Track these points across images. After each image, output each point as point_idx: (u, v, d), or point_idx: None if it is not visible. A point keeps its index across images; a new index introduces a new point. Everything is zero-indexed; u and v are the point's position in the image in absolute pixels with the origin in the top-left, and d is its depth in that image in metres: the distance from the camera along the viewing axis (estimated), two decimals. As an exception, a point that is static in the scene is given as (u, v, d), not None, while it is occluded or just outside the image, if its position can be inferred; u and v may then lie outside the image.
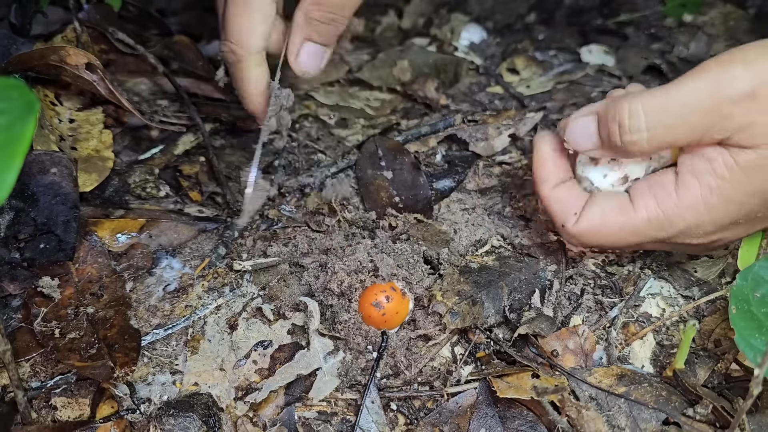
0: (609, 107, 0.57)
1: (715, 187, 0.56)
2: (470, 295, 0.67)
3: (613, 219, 0.60)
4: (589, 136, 0.60)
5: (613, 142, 0.57)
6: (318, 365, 0.65)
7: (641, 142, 0.55)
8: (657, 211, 0.58)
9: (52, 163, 0.74)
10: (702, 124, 0.53)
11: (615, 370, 0.62)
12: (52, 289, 0.69)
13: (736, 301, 0.56)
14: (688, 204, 0.57)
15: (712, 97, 0.52)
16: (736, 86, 0.52)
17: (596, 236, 0.61)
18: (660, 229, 0.59)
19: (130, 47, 0.98)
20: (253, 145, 0.74)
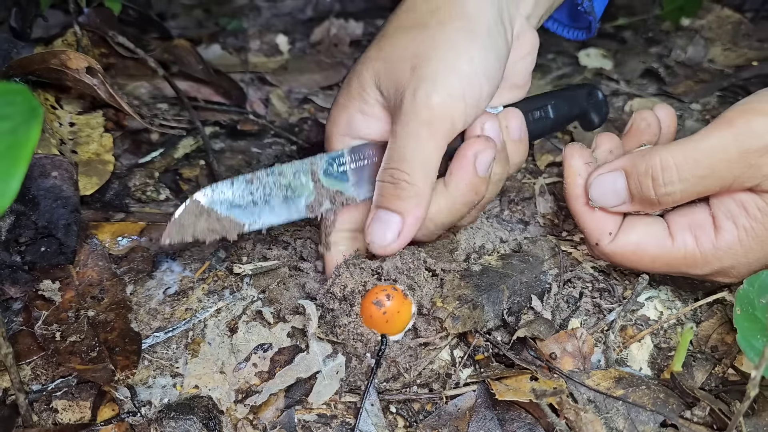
0: (637, 162, 0.58)
1: (750, 228, 0.58)
2: (471, 299, 0.67)
3: (649, 248, 0.62)
4: (616, 192, 0.60)
5: (646, 196, 0.59)
6: (318, 368, 0.65)
7: (675, 194, 0.57)
8: (695, 250, 0.60)
9: (53, 166, 0.74)
10: (731, 175, 0.55)
11: (613, 373, 0.62)
12: (52, 293, 0.70)
13: (741, 303, 0.57)
14: (726, 246, 0.59)
15: (740, 150, 0.54)
16: (763, 138, 0.54)
17: (628, 260, 0.63)
18: (694, 266, 0.61)
19: (130, 51, 0.99)
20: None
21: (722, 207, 0.59)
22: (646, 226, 0.62)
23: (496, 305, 0.68)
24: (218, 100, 1.04)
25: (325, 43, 1.27)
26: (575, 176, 0.64)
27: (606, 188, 0.61)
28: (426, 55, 0.61)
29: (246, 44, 1.25)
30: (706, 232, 0.59)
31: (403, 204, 0.61)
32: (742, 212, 0.58)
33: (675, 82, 1.13)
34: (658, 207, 0.61)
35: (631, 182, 0.59)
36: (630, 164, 0.59)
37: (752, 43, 1.20)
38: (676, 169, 0.56)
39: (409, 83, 0.61)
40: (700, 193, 0.58)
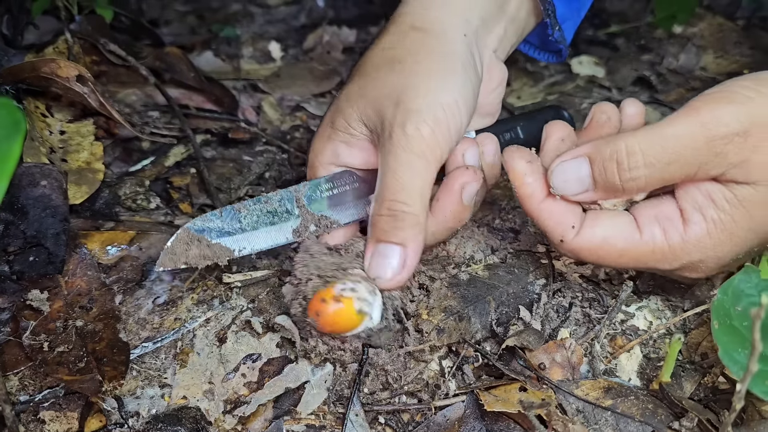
0: (602, 147, 0.57)
1: (719, 220, 0.57)
2: (457, 310, 0.67)
3: (617, 242, 0.60)
4: (580, 178, 0.59)
5: (611, 182, 0.57)
6: (306, 378, 0.65)
7: (640, 180, 0.56)
8: (664, 243, 0.59)
9: (42, 175, 0.74)
10: (697, 162, 0.54)
11: (602, 383, 0.62)
12: (41, 302, 0.69)
13: (718, 315, 0.56)
14: (695, 239, 0.58)
15: (706, 137, 0.53)
16: (728, 126, 0.53)
17: (596, 255, 0.61)
18: (663, 260, 0.60)
19: (122, 58, 0.99)
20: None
21: (689, 199, 0.58)
22: (611, 219, 0.61)
23: (483, 316, 0.68)
24: (210, 107, 1.03)
25: (317, 50, 1.27)
26: (522, 177, 0.62)
27: (569, 175, 0.59)
28: (408, 90, 0.64)
29: (239, 51, 1.25)
30: (674, 225, 0.58)
31: (404, 234, 0.62)
32: (710, 204, 0.57)
33: (667, 90, 1.13)
34: (622, 194, 0.59)
35: (596, 168, 0.58)
36: (594, 150, 0.58)
37: (744, 50, 1.20)
38: (641, 154, 0.55)
39: (395, 118, 0.63)
40: (665, 180, 0.57)
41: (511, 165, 0.62)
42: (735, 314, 0.56)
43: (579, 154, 0.59)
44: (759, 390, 0.53)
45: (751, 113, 0.53)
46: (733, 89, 0.55)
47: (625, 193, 0.59)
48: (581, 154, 0.59)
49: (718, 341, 0.55)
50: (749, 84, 0.55)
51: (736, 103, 0.54)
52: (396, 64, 0.67)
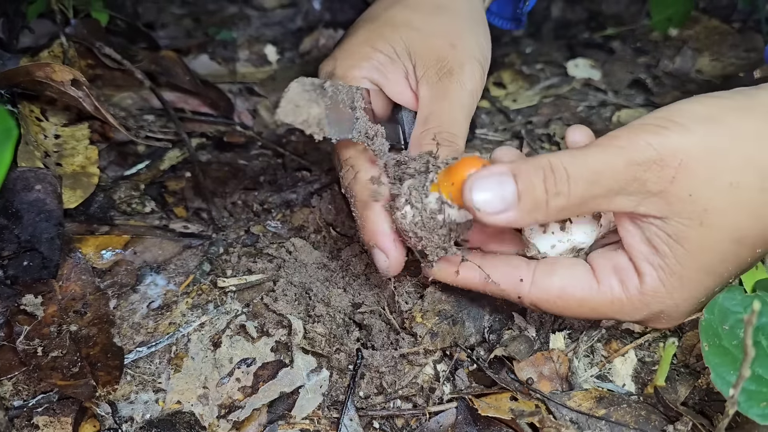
0: (524, 163, 0.54)
1: (665, 265, 0.56)
2: (451, 314, 0.67)
3: (575, 291, 0.59)
4: (503, 196, 0.53)
5: (537, 197, 0.53)
6: (301, 383, 0.65)
7: (562, 197, 0.53)
8: (622, 295, 0.58)
9: (37, 179, 0.74)
10: (617, 185, 0.53)
11: (593, 393, 0.62)
12: (35, 307, 0.69)
13: (707, 337, 0.55)
14: (651, 290, 0.57)
15: (624, 159, 0.52)
16: (644, 152, 0.52)
17: (555, 305, 0.60)
18: (622, 312, 0.59)
19: (117, 62, 0.98)
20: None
21: (634, 251, 0.57)
22: (568, 269, 0.59)
23: (477, 321, 0.68)
24: (205, 111, 1.03)
25: (314, 53, 1.26)
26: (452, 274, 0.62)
27: (492, 191, 0.53)
28: (462, 35, 0.71)
29: (234, 54, 1.25)
30: (630, 277, 0.57)
31: None
32: (653, 251, 0.56)
33: (662, 93, 1.13)
34: (544, 213, 0.54)
35: (520, 182, 0.53)
36: (516, 166, 0.54)
37: (739, 53, 1.20)
38: (565, 170, 0.53)
39: (454, 58, 0.68)
40: (587, 200, 0.54)
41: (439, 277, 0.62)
42: (723, 333, 0.55)
43: (502, 171, 0.54)
44: (754, 414, 0.52)
45: (664, 142, 0.53)
46: (649, 121, 0.55)
47: (548, 211, 0.54)
48: (503, 171, 0.54)
49: (709, 364, 0.54)
50: (665, 115, 0.55)
51: (650, 132, 0.53)
52: (442, 8, 0.72)
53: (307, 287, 0.73)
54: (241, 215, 0.86)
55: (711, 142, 0.53)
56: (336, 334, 0.68)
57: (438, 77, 0.67)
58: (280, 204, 0.86)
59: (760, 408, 0.52)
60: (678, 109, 0.56)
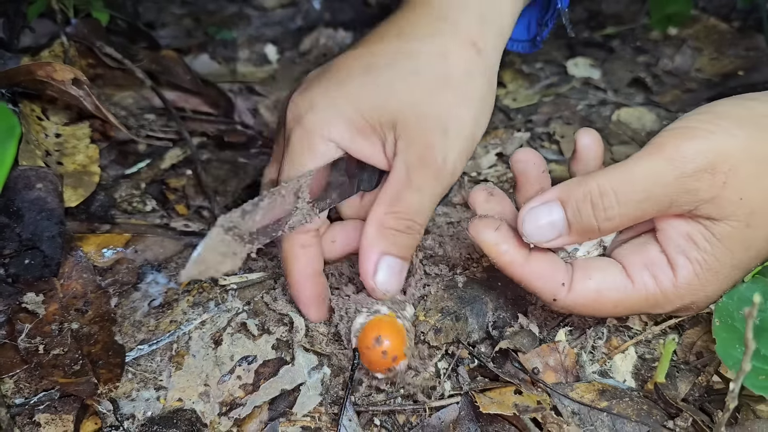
0: (573, 189, 0.56)
1: (703, 261, 0.56)
2: (454, 311, 0.67)
3: (610, 293, 0.59)
4: (553, 223, 0.56)
5: (587, 224, 0.56)
6: (302, 380, 0.65)
7: (615, 220, 0.55)
8: (656, 290, 0.58)
9: (38, 178, 0.74)
10: (668, 200, 0.54)
11: (596, 386, 0.62)
12: (36, 305, 0.69)
13: (721, 315, 0.58)
14: (685, 283, 0.57)
15: (675, 175, 0.53)
16: (695, 162, 0.53)
17: (591, 308, 0.60)
18: (656, 306, 0.60)
19: (118, 61, 0.99)
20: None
21: (671, 244, 0.57)
22: (602, 271, 0.60)
23: (480, 317, 0.68)
24: (206, 110, 1.04)
25: (314, 52, 1.27)
26: (495, 248, 0.59)
27: (542, 221, 0.57)
28: (457, 118, 0.64)
29: (235, 54, 1.26)
30: (663, 271, 0.58)
31: (411, 252, 0.66)
32: (692, 245, 0.56)
33: (662, 92, 1.13)
34: (597, 235, 0.58)
35: (569, 210, 0.56)
36: (565, 192, 0.56)
37: (739, 52, 1.20)
38: (614, 194, 0.54)
39: (443, 148, 0.63)
40: (638, 218, 0.56)
41: (480, 239, 0.60)
42: (738, 317, 0.57)
43: (549, 199, 0.57)
44: (751, 384, 0.53)
45: (714, 148, 0.53)
46: (693, 124, 0.55)
47: (600, 233, 0.57)
48: (552, 198, 0.57)
49: (717, 337, 0.56)
50: (708, 118, 0.55)
51: (699, 138, 0.54)
52: (449, 85, 0.64)
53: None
54: (241, 214, 0.86)
55: (755, 145, 0.54)
56: (338, 332, 0.68)
57: (420, 164, 0.63)
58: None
59: (759, 381, 0.54)
60: (719, 111, 0.56)
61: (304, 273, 0.66)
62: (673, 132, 0.55)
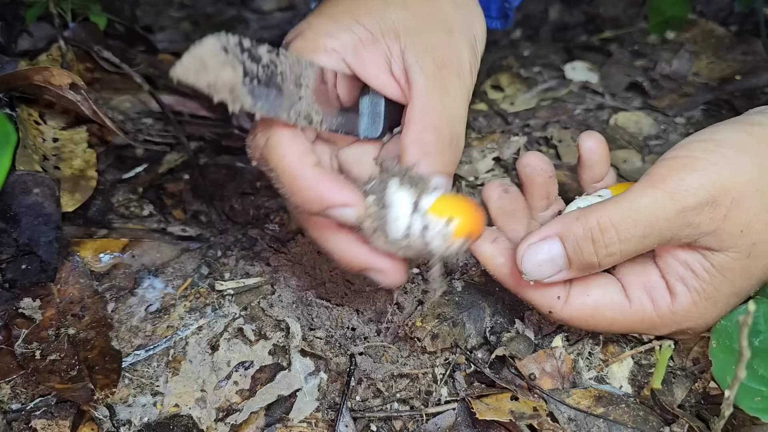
0: (573, 226, 0.55)
1: (701, 290, 0.57)
2: (451, 316, 0.67)
3: (606, 311, 0.59)
4: (553, 260, 0.56)
5: (587, 261, 0.55)
6: (299, 386, 0.65)
7: (616, 255, 0.55)
8: (653, 313, 0.59)
9: (35, 183, 0.74)
10: (670, 233, 0.54)
11: (593, 392, 0.63)
12: (33, 311, 0.69)
13: (718, 337, 0.58)
14: (682, 310, 0.58)
15: (677, 209, 0.53)
16: (696, 196, 0.53)
17: (586, 323, 0.61)
18: (652, 329, 0.60)
19: (116, 66, 0.99)
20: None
21: (671, 271, 0.58)
22: (601, 288, 0.59)
23: (478, 323, 0.68)
24: (203, 114, 1.04)
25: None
26: (492, 260, 0.60)
27: (541, 258, 0.56)
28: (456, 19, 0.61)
29: (233, 58, 1.25)
30: (661, 295, 0.58)
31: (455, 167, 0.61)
32: (690, 274, 0.56)
33: (659, 96, 1.13)
34: (597, 269, 0.57)
35: (569, 247, 0.55)
36: (564, 228, 0.55)
37: (736, 56, 1.20)
38: (615, 230, 0.54)
39: (452, 47, 0.59)
40: (639, 252, 0.56)
41: (477, 252, 0.59)
42: (737, 338, 0.57)
43: (548, 235, 0.56)
44: (746, 405, 0.54)
45: (716, 181, 0.53)
46: (696, 154, 0.54)
47: (600, 268, 0.57)
48: (551, 235, 0.56)
49: (713, 358, 0.56)
50: (711, 147, 0.55)
51: (701, 170, 0.53)
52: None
53: (305, 290, 0.73)
54: (239, 218, 0.86)
55: (758, 176, 0.54)
56: (335, 337, 0.68)
57: (436, 67, 0.58)
58: (278, 208, 0.86)
59: (754, 402, 0.54)
60: (721, 139, 0.55)
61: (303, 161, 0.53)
62: (674, 162, 0.55)
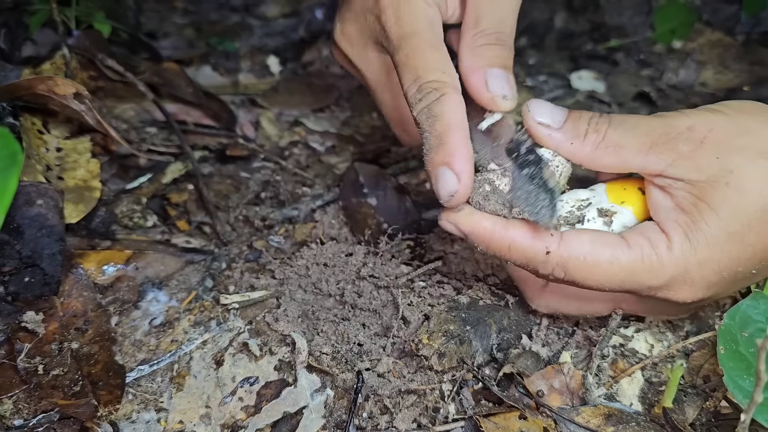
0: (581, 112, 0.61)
1: (690, 222, 0.57)
2: (458, 334, 0.67)
3: (604, 250, 0.58)
4: (553, 116, 0.60)
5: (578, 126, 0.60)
6: (305, 403, 0.65)
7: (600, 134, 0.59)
8: (651, 251, 0.57)
9: (39, 194, 0.74)
10: (649, 139, 0.58)
11: (602, 410, 0.62)
12: (36, 324, 0.69)
13: (724, 341, 0.56)
14: (678, 249, 0.57)
15: (660, 120, 0.58)
16: (679, 119, 0.58)
17: (582, 265, 0.58)
18: (650, 272, 0.57)
19: (120, 74, 0.98)
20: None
21: (662, 214, 0.59)
22: (596, 233, 0.59)
23: (484, 339, 0.68)
24: (208, 122, 1.03)
25: (316, 64, 1.26)
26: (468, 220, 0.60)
27: (548, 111, 0.61)
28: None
29: (237, 65, 1.25)
30: (659, 239, 0.58)
31: (509, 61, 0.66)
32: (678, 211, 0.58)
33: (667, 106, 1.13)
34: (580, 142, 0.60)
35: (571, 112, 0.61)
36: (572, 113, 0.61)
37: (743, 66, 1.20)
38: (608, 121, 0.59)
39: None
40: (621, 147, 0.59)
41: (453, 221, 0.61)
42: (742, 340, 0.56)
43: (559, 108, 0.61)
44: (765, 419, 0.52)
45: (698, 113, 0.58)
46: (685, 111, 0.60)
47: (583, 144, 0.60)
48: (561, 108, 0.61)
49: (723, 367, 0.55)
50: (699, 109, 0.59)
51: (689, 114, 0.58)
52: None
53: (311, 305, 0.72)
54: (243, 230, 0.85)
55: (743, 121, 0.57)
56: (341, 352, 0.67)
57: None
58: (283, 220, 0.85)
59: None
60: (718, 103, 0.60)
61: (464, 131, 0.61)
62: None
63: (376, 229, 0.81)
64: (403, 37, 0.66)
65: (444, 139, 0.61)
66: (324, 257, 0.77)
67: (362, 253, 0.77)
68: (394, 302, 0.71)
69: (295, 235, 0.83)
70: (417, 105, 0.63)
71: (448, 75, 0.63)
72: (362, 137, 1.05)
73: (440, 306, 0.70)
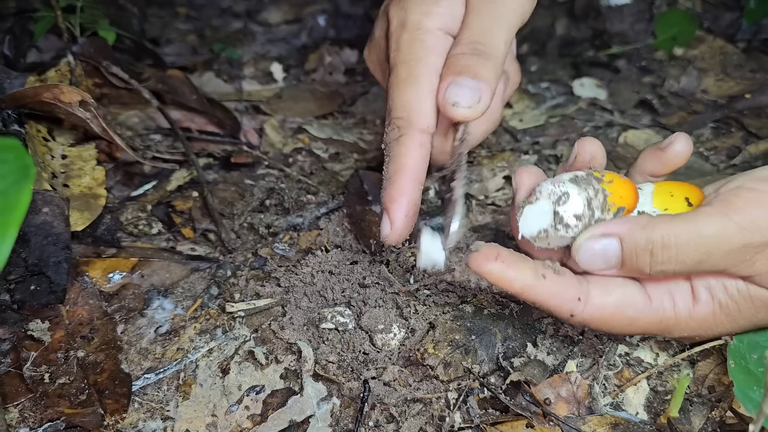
0: (636, 233, 0.55)
1: (725, 304, 0.57)
2: (463, 343, 0.67)
3: (628, 310, 0.59)
4: (607, 257, 0.57)
5: (640, 269, 0.56)
6: (311, 411, 0.65)
7: (668, 273, 0.55)
8: (671, 314, 0.58)
9: (44, 202, 0.74)
10: (725, 264, 0.54)
11: (609, 419, 0.62)
12: (42, 333, 0.69)
13: (734, 357, 0.59)
14: (701, 317, 0.58)
15: (741, 243, 0.53)
16: (763, 234, 0.53)
17: (607, 324, 0.59)
18: (667, 330, 0.60)
19: (124, 81, 0.98)
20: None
21: (702, 280, 0.58)
22: (622, 287, 0.59)
23: (490, 348, 0.68)
24: (212, 129, 1.03)
25: (319, 71, 1.26)
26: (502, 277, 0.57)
27: (597, 249, 0.57)
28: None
29: (240, 72, 1.25)
30: (683, 298, 0.58)
31: (486, 72, 0.63)
32: (721, 288, 0.57)
33: (668, 113, 1.13)
34: (642, 276, 0.58)
35: (626, 251, 0.56)
36: (628, 233, 0.56)
37: (744, 73, 1.20)
38: (675, 249, 0.54)
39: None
40: (687, 274, 0.56)
41: (484, 272, 0.57)
42: (750, 359, 0.58)
43: (611, 233, 0.56)
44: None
45: None
46: (763, 188, 0.55)
47: (649, 280, 0.58)
48: (613, 233, 0.56)
49: (734, 379, 0.57)
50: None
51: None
52: None
53: (316, 312, 0.72)
54: (248, 237, 0.85)
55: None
56: (347, 360, 0.67)
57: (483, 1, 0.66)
58: (287, 227, 0.86)
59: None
60: None
61: (413, 174, 0.63)
62: (751, 195, 0.55)
63: (380, 236, 0.82)
64: (394, 65, 0.66)
65: (392, 180, 0.63)
66: (329, 265, 0.77)
67: (367, 261, 0.77)
68: (399, 310, 0.71)
69: (299, 243, 0.83)
70: (385, 138, 0.65)
71: (416, 114, 0.63)
72: (366, 144, 1.05)
73: (445, 315, 0.70)
